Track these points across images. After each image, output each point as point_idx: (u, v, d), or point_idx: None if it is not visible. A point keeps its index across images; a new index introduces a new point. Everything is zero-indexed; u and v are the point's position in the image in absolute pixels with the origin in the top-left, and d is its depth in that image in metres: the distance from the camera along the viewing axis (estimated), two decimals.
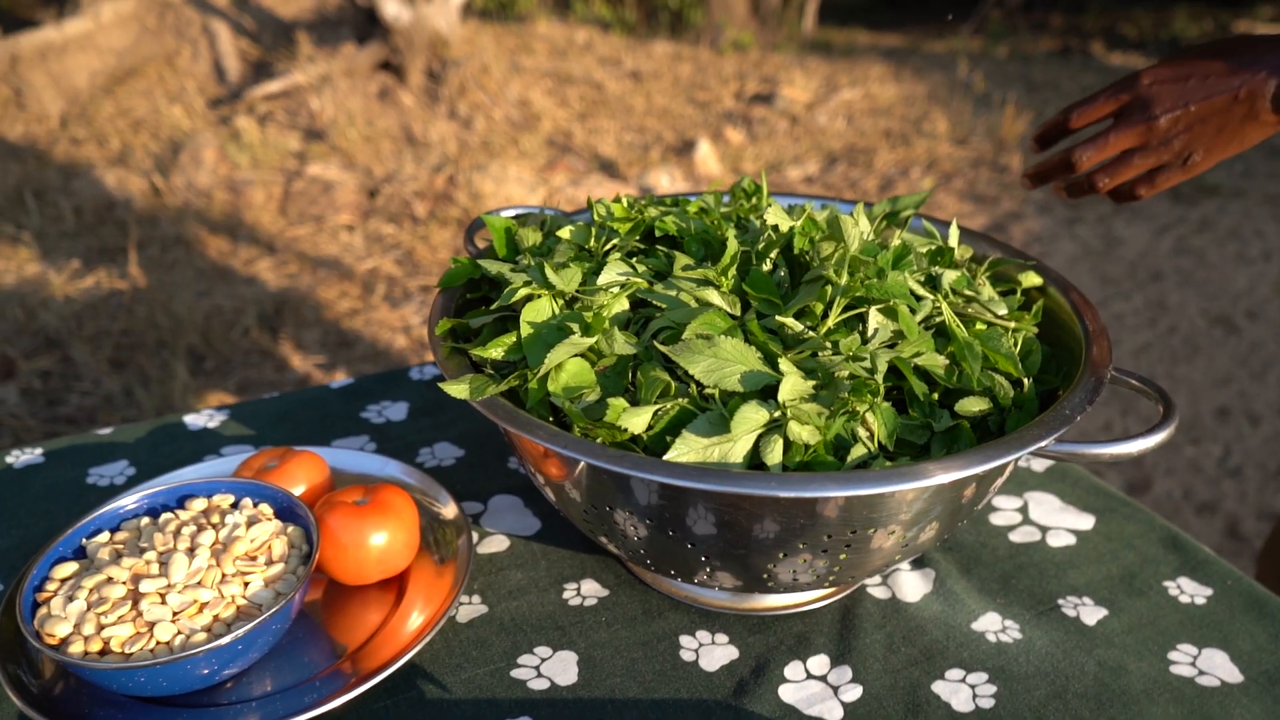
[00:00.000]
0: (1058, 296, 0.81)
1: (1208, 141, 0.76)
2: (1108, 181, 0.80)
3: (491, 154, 3.93)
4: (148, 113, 4.21)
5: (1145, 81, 0.77)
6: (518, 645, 0.75)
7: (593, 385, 0.66)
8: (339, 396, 1.06)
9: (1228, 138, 0.76)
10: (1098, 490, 0.95)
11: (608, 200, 0.84)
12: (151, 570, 0.70)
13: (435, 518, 0.85)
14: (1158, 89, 0.76)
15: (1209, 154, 0.77)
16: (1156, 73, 0.77)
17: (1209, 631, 0.78)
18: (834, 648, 0.75)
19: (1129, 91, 0.78)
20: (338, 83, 4.28)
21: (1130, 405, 2.65)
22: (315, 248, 3.19)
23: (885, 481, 0.57)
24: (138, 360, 2.55)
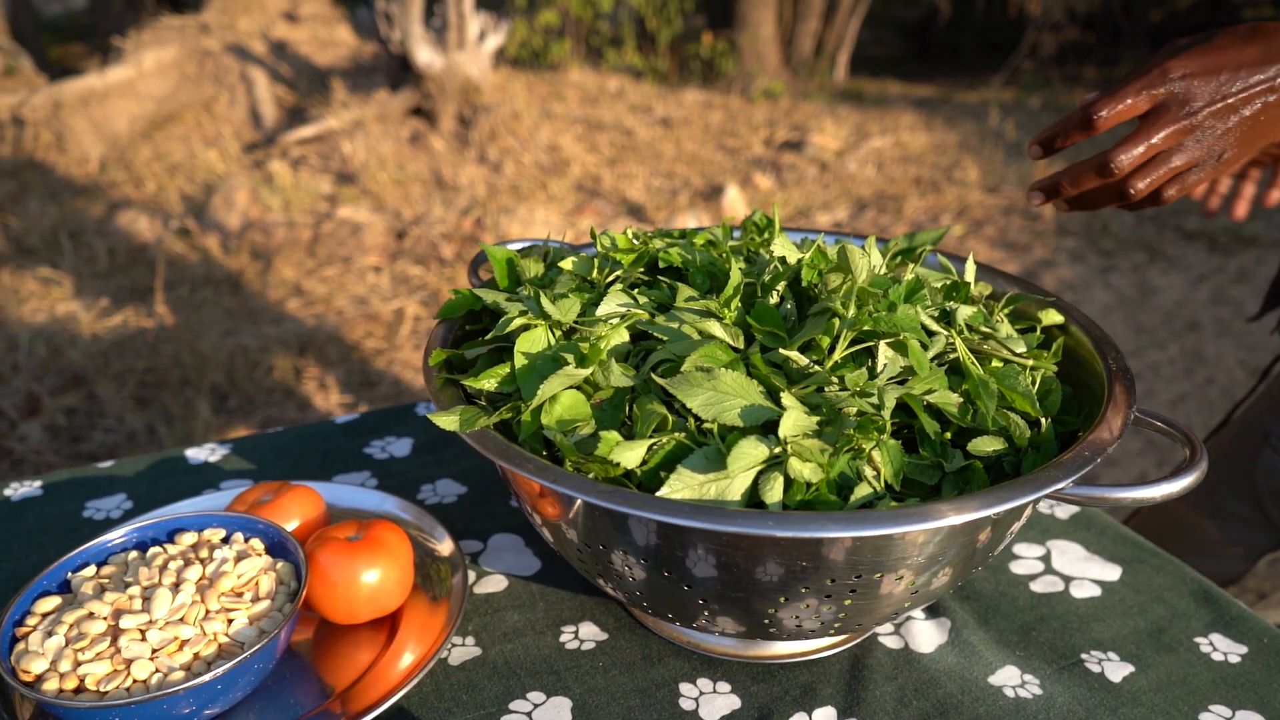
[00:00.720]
0: (1079, 335, 0.77)
1: (1241, 135, 0.71)
2: (1143, 187, 0.73)
3: (520, 197, 3.95)
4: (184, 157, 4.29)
5: (1176, 74, 0.70)
6: (510, 690, 0.72)
7: (588, 418, 0.64)
8: (343, 432, 1.04)
9: (1261, 130, 0.71)
10: (1125, 540, 0.91)
11: (612, 231, 0.82)
12: (134, 606, 0.68)
13: (431, 555, 0.82)
14: (1192, 82, 0.70)
15: (1241, 149, 0.72)
16: (1185, 64, 0.70)
17: (1244, 692, 0.74)
18: (842, 699, 0.71)
19: (1161, 86, 0.70)
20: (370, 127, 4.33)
21: (1168, 455, 2.57)
22: (342, 288, 3.21)
23: (890, 523, 0.54)
24: (161, 398, 2.56)
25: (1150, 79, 0.70)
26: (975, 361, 0.67)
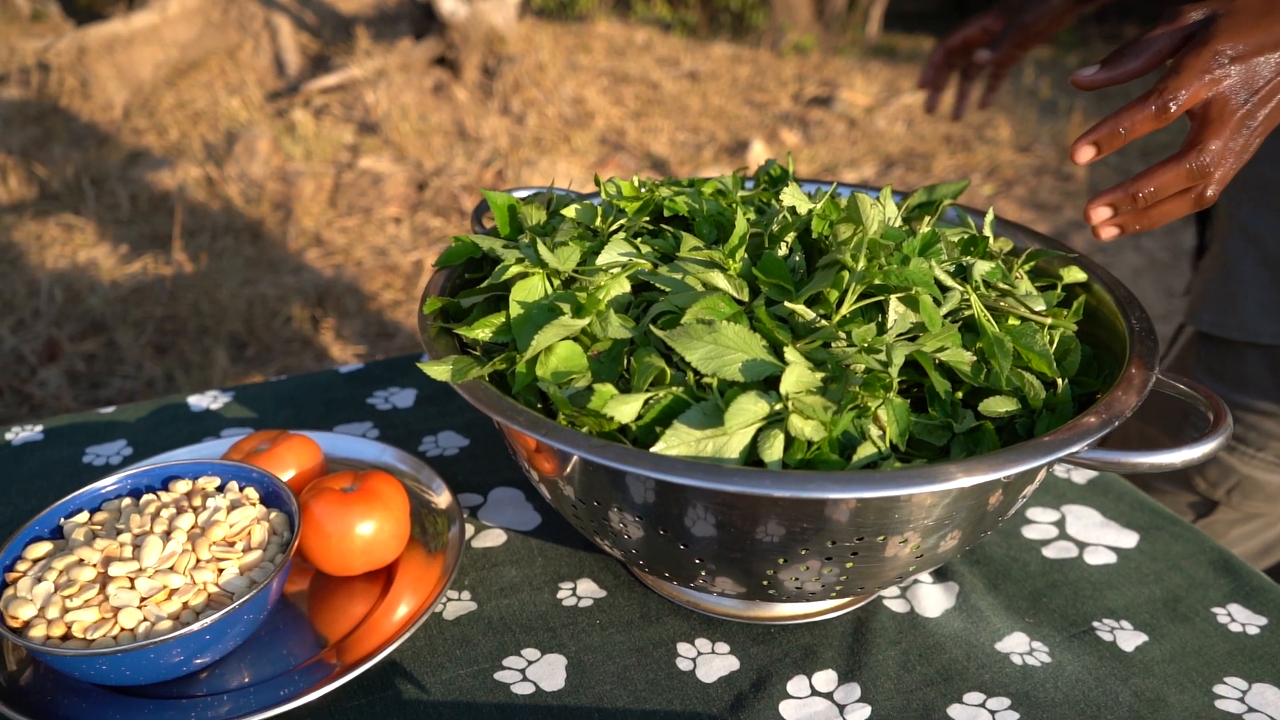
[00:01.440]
0: (1102, 293, 0.74)
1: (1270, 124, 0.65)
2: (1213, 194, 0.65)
3: (542, 150, 3.91)
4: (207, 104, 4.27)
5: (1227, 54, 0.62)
6: (504, 646, 0.70)
7: (584, 371, 0.61)
8: (346, 381, 1.02)
9: None
10: (1144, 506, 0.88)
11: (618, 178, 0.79)
12: (124, 553, 0.67)
13: (429, 508, 0.81)
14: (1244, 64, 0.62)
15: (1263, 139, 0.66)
16: (1234, 41, 0.62)
17: (1261, 665, 0.71)
18: (843, 663, 0.69)
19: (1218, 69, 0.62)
20: (393, 77, 4.29)
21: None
22: (362, 239, 3.20)
23: (893, 484, 0.52)
24: (180, 346, 2.57)
25: (1205, 60, 0.62)
26: (990, 318, 0.64)
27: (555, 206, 0.80)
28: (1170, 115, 0.63)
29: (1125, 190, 0.64)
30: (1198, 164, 0.63)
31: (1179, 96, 0.62)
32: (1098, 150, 0.64)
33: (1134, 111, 0.63)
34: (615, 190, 0.77)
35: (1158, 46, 0.66)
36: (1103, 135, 0.64)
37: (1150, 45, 0.66)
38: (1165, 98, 0.62)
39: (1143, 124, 0.63)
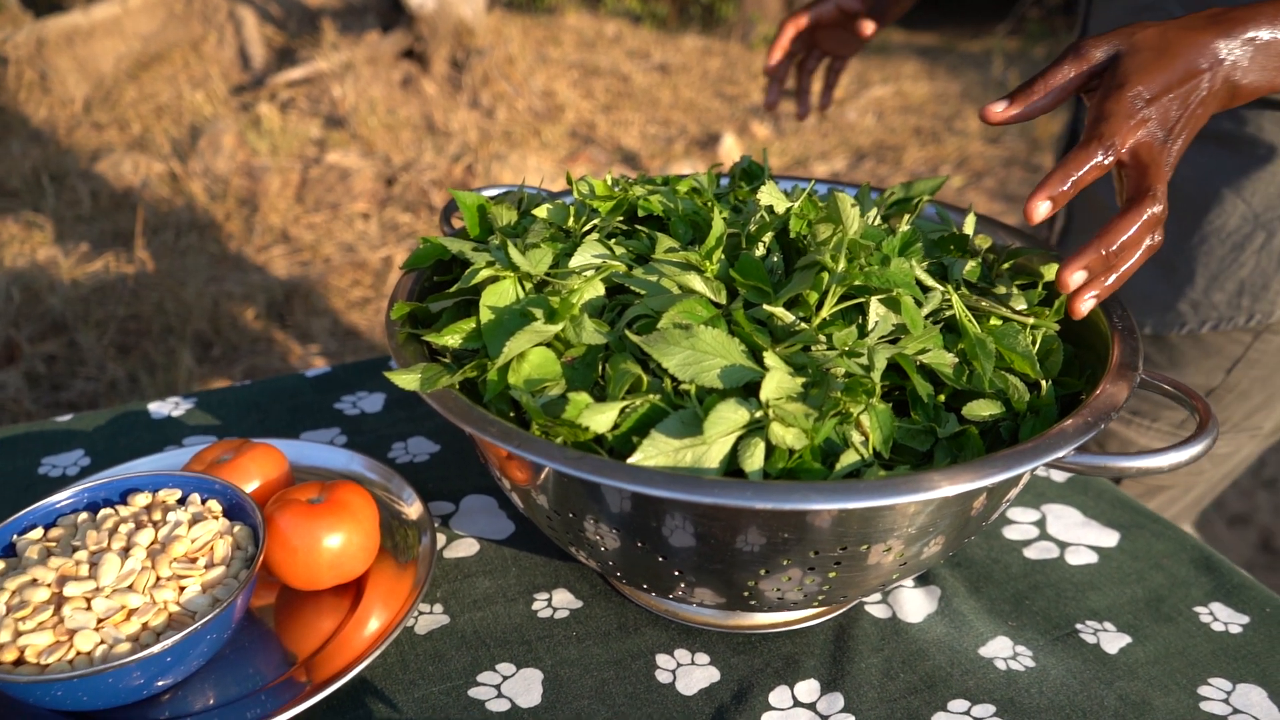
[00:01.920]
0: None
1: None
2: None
3: (512, 144, 3.87)
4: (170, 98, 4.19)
5: (1146, 96, 0.62)
6: (479, 661, 0.68)
7: (558, 378, 0.59)
8: (313, 386, 1.00)
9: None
10: (1124, 504, 0.88)
11: (590, 177, 0.77)
12: (80, 572, 0.64)
13: (399, 518, 0.79)
14: (1159, 106, 0.62)
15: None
16: (1150, 82, 0.62)
17: (1244, 665, 0.71)
18: (825, 672, 0.68)
19: (1140, 113, 0.62)
20: (360, 70, 4.24)
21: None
22: (330, 235, 3.15)
23: (878, 494, 0.50)
24: (144, 346, 2.52)
25: (1127, 104, 0.62)
26: (972, 319, 0.63)
27: (526, 206, 0.78)
28: (1113, 161, 0.62)
29: (1097, 249, 0.62)
30: (1157, 209, 0.61)
31: (1115, 142, 0.62)
32: (1053, 205, 0.63)
33: (1080, 161, 0.62)
34: (588, 189, 0.75)
35: (1065, 83, 0.66)
36: (1056, 191, 0.62)
37: (1058, 82, 0.66)
38: (1105, 143, 0.62)
39: (1092, 172, 0.62)
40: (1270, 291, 0.94)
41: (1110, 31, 0.66)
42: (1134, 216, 0.61)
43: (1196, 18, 0.66)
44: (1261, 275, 0.93)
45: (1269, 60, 0.66)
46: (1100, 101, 0.64)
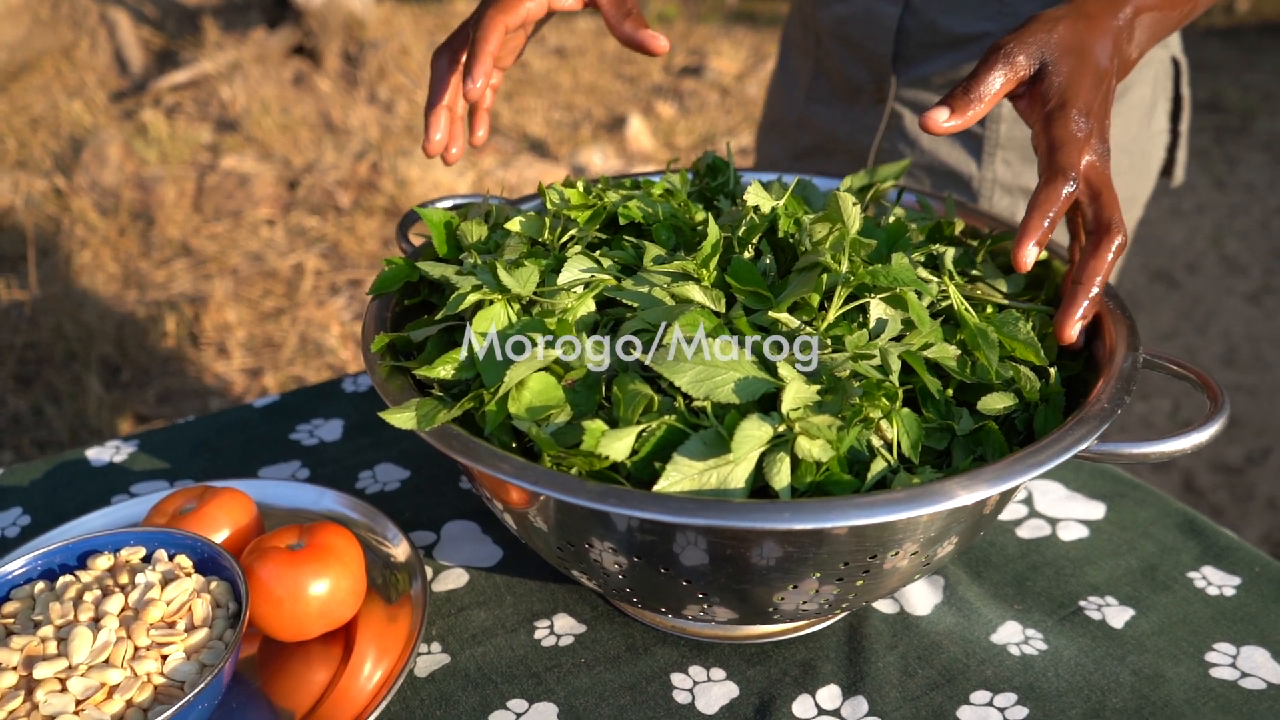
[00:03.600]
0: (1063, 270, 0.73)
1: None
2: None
3: (416, 138, 3.77)
4: (45, 109, 3.97)
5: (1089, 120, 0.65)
6: (488, 700, 0.65)
7: (561, 404, 0.56)
8: (264, 417, 0.94)
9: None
10: (1103, 473, 0.89)
11: (560, 185, 0.74)
12: (48, 650, 0.59)
13: (382, 556, 0.75)
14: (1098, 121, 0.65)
15: None
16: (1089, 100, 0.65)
17: (1244, 627, 0.72)
18: (844, 676, 0.67)
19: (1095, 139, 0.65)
20: (249, 70, 4.07)
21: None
22: (234, 245, 3.03)
23: (918, 503, 0.49)
24: (46, 375, 2.38)
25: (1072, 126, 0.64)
26: (970, 309, 0.62)
27: (496, 219, 0.74)
28: (1078, 188, 0.64)
29: (1086, 296, 0.64)
30: (1121, 239, 0.64)
31: (1076, 169, 0.63)
32: (1039, 248, 0.64)
33: (1053, 197, 0.63)
34: (560, 198, 0.72)
35: (997, 90, 0.67)
36: (1040, 234, 0.63)
37: (990, 89, 0.66)
38: (1069, 174, 0.63)
39: (1064, 204, 0.64)
40: None
41: (1026, 30, 0.67)
42: (1105, 253, 0.63)
43: (1093, 2, 0.68)
44: None
45: (1145, 31, 0.71)
46: (1047, 127, 0.65)
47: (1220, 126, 4.28)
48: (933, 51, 0.98)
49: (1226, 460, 2.32)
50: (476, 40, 0.70)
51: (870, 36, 1.00)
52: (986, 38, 0.95)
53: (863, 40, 1.00)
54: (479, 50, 0.70)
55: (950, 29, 0.96)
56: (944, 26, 0.96)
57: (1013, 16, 0.94)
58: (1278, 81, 4.80)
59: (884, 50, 0.99)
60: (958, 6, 0.95)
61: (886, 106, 1.02)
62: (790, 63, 1.15)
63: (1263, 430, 2.41)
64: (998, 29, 0.94)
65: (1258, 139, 4.14)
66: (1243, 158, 3.97)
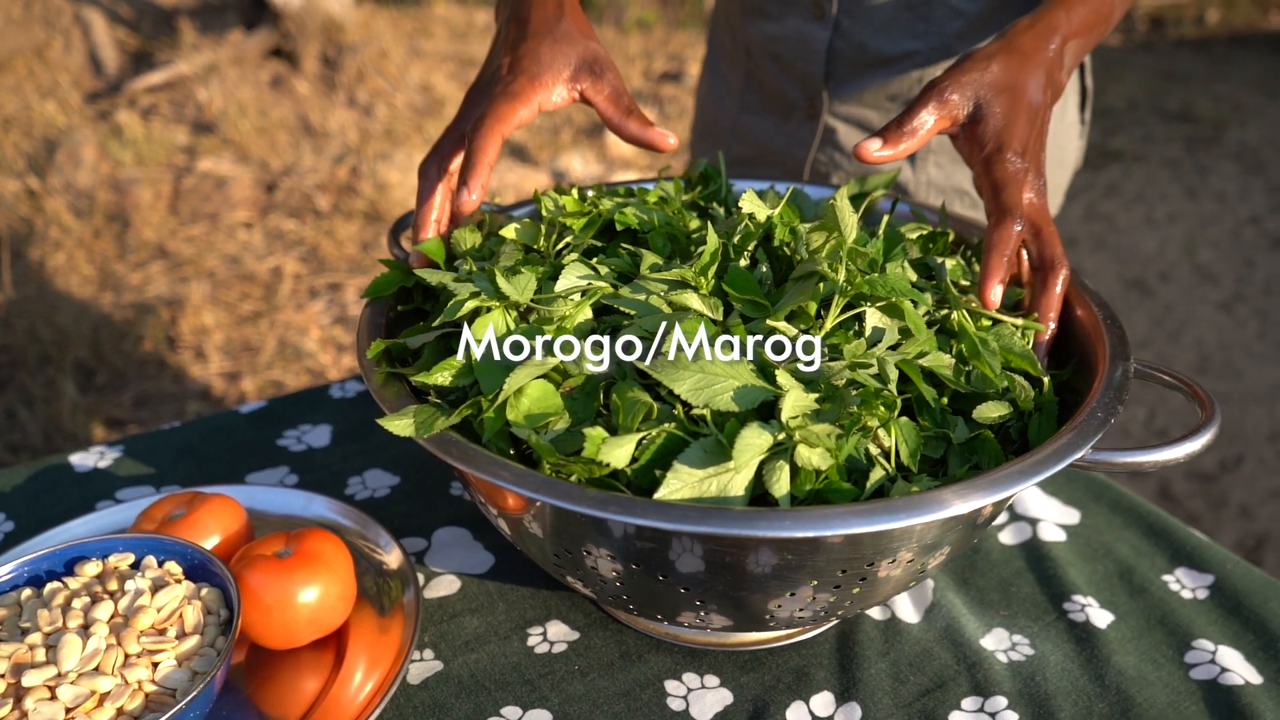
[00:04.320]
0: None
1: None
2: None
3: (395, 142, 3.76)
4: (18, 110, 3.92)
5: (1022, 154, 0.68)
6: (482, 707, 0.65)
7: (560, 411, 0.56)
8: (251, 423, 0.94)
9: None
10: (1075, 476, 0.90)
11: (554, 192, 0.74)
12: (36, 657, 0.59)
13: (373, 563, 0.74)
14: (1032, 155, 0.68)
15: None
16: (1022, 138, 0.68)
17: (1217, 628, 0.73)
18: (837, 682, 0.67)
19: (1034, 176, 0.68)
20: (226, 72, 4.04)
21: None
22: (211, 248, 3.00)
23: (918, 511, 0.49)
24: (19, 379, 2.35)
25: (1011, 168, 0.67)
26: (969, 319, 0.63)
27: (490, 227, 0.74)
28: (1025, 225, 0.66)
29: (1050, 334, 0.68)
30: (1066, 272, 0.67)
31: (1020, 210, 0.66)
32: (1003, 287, 0.66)
33: (1006, 239, 0.65)
34: (555, 205, 0.72)
35: (929, 129, 0.69)
36: (1002, 273, 0.65)
37: (923, 127, 0.69)
38: (1015, 214, 0.66)
39: (1017, 240, 0.66)
40: None
41: (961, 71, 0.70)
42: (1053, 288, 0.67)
43: (1024, 36, 0.71)
44: None
45: (1073, 55, 0.74)
46: (988, 170, 0.68)
47: (1192, 137, 4.34)
48: (863, 70, 1.00)
49: (1201, 468, 2.35)
50: (474, 151, 0.67)
51: (801, 58, 1.01)
52: (915, 56, 0.97)
53: (794, 60, 1.01)
54: (477, 162, 0.66)
55: (879, 49, 0.98)
56: (873, 47, 0.98)
57: (938, 35, 0.96)
58: (1248, 92, 4.87)
59: (816, 71, 1.01)
60: (885, 27, 0.97)
61: (820, 122, 1.04)
62: (720, 69, 1.16)
63: (1235, 438, 2.44)
64: (924, 47, 0.97)
65: (1228, 149, 4.20)
66: (1214, 167, 4.03)
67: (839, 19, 0.97)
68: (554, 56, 0.71)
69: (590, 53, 0.72)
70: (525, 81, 0.69)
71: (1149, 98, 4.82)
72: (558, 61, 0.71)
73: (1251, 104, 4.71)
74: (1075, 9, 0.74)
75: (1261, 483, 2.30)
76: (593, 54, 0.73)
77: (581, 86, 0.72)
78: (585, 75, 0.72)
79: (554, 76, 0.71)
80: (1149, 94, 4.87)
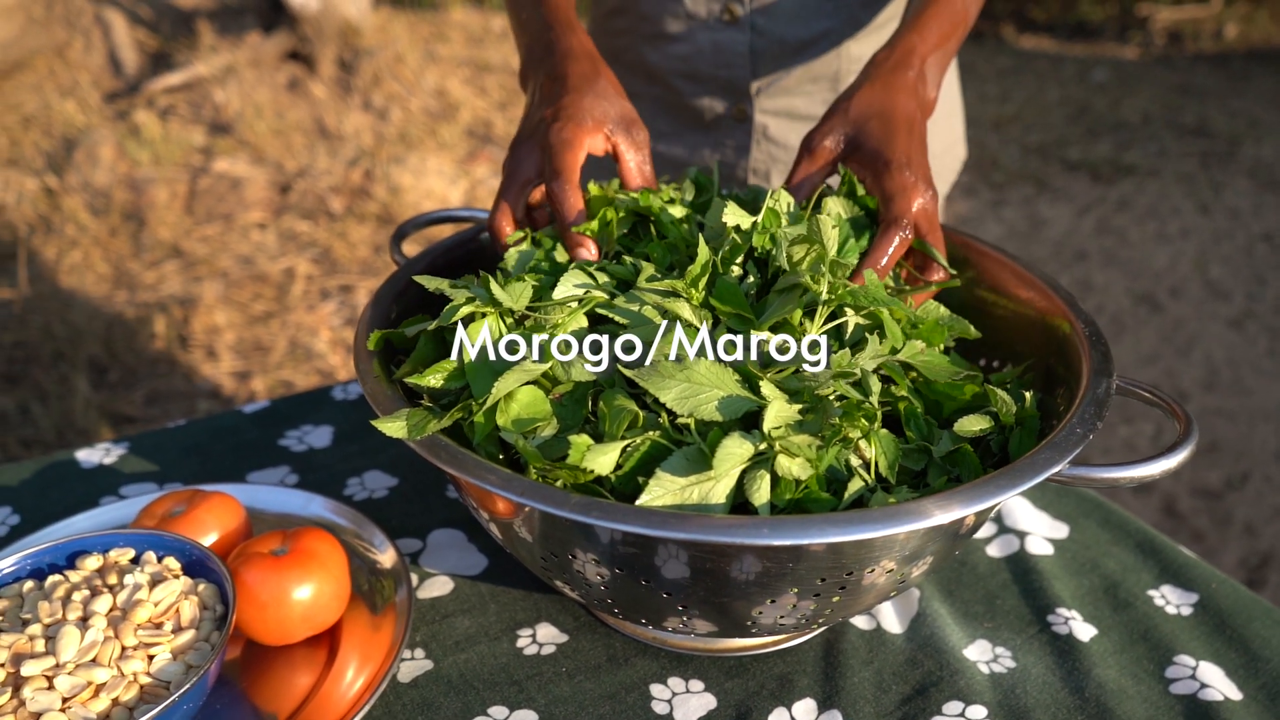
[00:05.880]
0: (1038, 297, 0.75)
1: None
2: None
3: (409, 146, 3.79)
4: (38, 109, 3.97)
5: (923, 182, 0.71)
6: (469, 706, 0.66)
7: (548, 417, 0.58)
8: (254, 422, 0.95)
9: None
10: (1066, 492, 0.90)
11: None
12: (36, 648, 0.60)
13: (368, 562, 0.76)
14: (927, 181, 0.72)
15: None
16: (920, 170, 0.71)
17: (1200, 644, 0.74)
18: (820, 690, 0.68)
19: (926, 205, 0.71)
20: (243, 74, 4.08)
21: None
22: (225, 248, 3.03)
23: (894, 522, 0.51)
24: (33, 374, 2.38)
25: (900, 177, 0.71)
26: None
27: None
28: (912, 233, 0.71)
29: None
30: (941, 275, 0.72)
31: (908, 218, 0.70)
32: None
33: (887, 244, 0.70)
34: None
35: (815, 180, 0.76)
36: (877, 268, 0.69)
37: (805, 180, 0.75)
38: (902, 223, 0.70)
39: (900, 248, 0.70)
40: None
41: (825, 120, 0.75)
42: (930, 286, 0.72)
43: (883, 68, 0.76)
44: None
45: (936, 69, 0.79)
46: (878, 183, 0.72)
47: (1206, 152, 4.33)
48: (784, 61, 1.01)
49: (1207, 485, 2.35)
50: (571, 206, 0.71)
51: (722, 66, 1.01)
52: (831, 34, 1.00)
53: (714, 72, 1.02)
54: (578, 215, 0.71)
55: (797, 36, 1.00)
56: (791, 37, 0.99)
57: (846, 8, 0.99)
58: (1264, 108, 4.86)
59: (741, 75, 1.02)
60: (798, 14, 0.99)
61: (754, 124, 1.04)
62: None
63: (1242, 455, 2.44)
64: (837, 24, 0.99)
65: (1243, 165, 4.19)
66: (1228, 183, 4.02)
67: (753, 19, 0.98)
68: (594, 106, 0.74)
69: (627, 112, 0.76)
70: (574, 128, 0.72)
71: (1164, 112, 4.82)
72: (598, 111, 0.74)
73: (1268, 120, 4.70)
74: (928, 28, 0.78)
75: (1268, 500, 2.29)
76: (630, 114, 0.76)
77: (616, 140, 0.75)
78: (621, 132, 0.75)
79: (597, 125, 0.74)
80: (1164, 108, 4.86)
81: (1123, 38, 6.17)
